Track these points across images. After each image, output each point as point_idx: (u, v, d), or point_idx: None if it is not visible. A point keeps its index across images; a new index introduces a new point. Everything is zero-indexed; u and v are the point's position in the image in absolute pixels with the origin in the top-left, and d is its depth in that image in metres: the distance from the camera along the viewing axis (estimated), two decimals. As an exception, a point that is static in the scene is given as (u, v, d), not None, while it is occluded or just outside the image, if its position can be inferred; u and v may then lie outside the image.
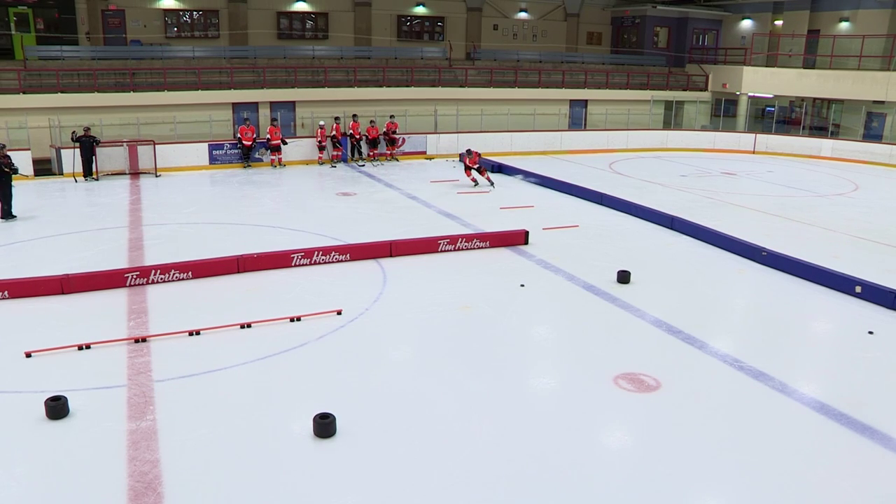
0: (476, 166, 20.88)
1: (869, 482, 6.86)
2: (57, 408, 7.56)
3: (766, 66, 33.19)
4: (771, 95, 33.68)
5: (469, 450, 7.22)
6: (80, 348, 9.25)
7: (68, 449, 7.08)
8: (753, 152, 30.54)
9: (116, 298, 11.22)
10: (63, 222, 16.13)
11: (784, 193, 21.63)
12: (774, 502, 6.49)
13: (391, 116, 25.90)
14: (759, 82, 32.77)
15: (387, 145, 25.81)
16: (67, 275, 11.47)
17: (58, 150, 21.41)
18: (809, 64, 32.40)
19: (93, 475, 6.63)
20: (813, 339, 11.04)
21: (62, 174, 21.34)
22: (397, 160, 25.93)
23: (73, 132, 20.63)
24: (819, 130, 31.91)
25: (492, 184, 20.99)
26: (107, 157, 21.48)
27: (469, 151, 20.96)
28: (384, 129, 25.66)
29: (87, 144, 20.80)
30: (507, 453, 7.16)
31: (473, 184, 20.94)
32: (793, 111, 34.61)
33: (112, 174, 21.56)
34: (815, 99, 32.85)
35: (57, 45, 25.72)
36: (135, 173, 21.89)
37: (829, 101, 32.05)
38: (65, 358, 9.06)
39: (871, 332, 10.60)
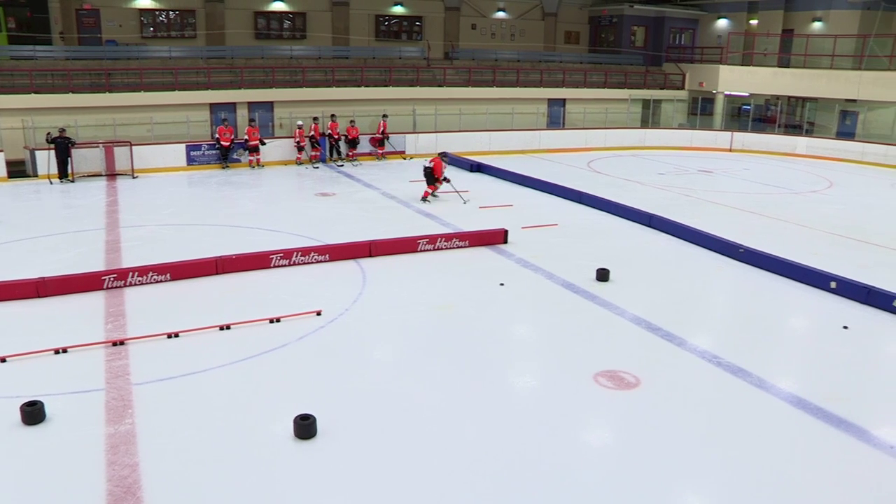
0: (443, 176, 18.73)
1: (845, 474, 6.98)
2: (33, 413, 7.46)
3: (742, 65, 33.48)
4: (747, 94, 33.99)
5: (451, 449, 7.23)
6: (57, 352, 9.14)
7: (45, 454, 6.99)
8: (730, 150, 30.83)
9: (93, 301, 11.10)
10: (38, 225, 15.93)
11: (760, 191, 21.85)
12: (754, 495, 6.57)
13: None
14: (735, 81, 33.07)
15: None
16: (43, 278, 11.32)
17: (32, 152, 21.14)
18: (784, 63, 32.75)
19: (71, 480, 6.56)
20: (790, 334, 11.18)
21: (37, 176, 21.07)
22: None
23: (48, 133, 20.38)
24: (794, 128, 32.30)
25: (434, 196, 19.03)
26: (83, 159, 21.23)
27: (445, 154, 19.14)
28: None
29: (63, 146, 20.54)
30: (488, 452, 7.18)
31: (426, 197, 18.77)
32: (768, 109, 34.96)
33: (88, 176, 21.32)
34: (789, 97, 33.23)
35: (30, 44, 25.33)
36: (111, 175, 21.66)
37: (804, 100, 32.42)
38: (41, 362, 8.95)
39: (845, 327, 10.75)
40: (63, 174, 20.77)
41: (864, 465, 7.14)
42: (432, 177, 18.74)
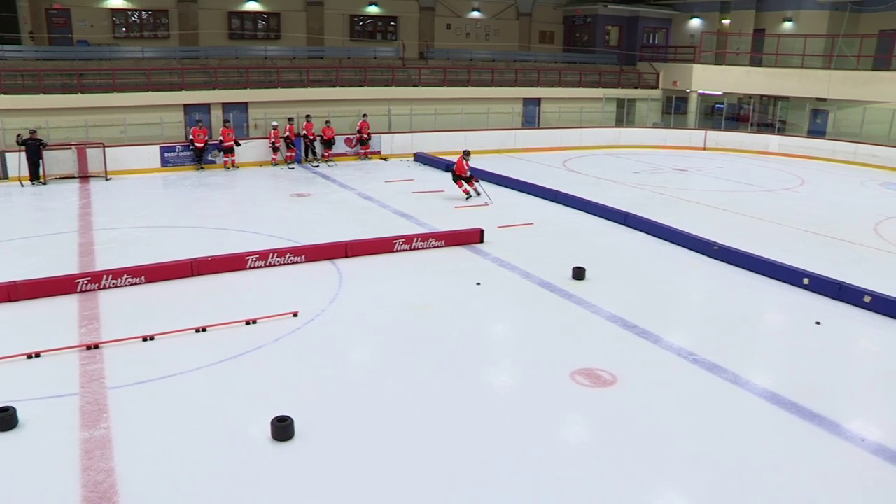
0: (467, 174, 19.04)
1: (818, 466, 7.09)
2: (5, 419, 7.36)
3: (715, 65, 33.85)
4: (720, 93, 34.37)
5: (429, 449, 7.24)
6: (30, 357, 9.02)
7: (18, 461, 6.90)
8: (704, 148, 31.13)
9: (67, 305, 10.96)
10: (9, 228, 15.68)
11: (734, 188, 22.10)
12: (730, 489, 6.65)
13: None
14: (709, 80, 33.42)
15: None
16: (15, 282, 11.15)
17: (2, 154, 20.82)
18: (756, 62, 33.13)
19: (45, 487, 6.48)
20: (763, 330, 11.30)
21: (8, 178, 20.76)
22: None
23: (19, 135, 20.11)
24: (766, 127, 32.71)
25: (478, 194, 19.27)
26: (55, 161, 20.95)
27: (467, 154, 19.23)
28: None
29: (34, 148, 20.27)
30: (466, 451, 7.20)
31: (466, 196, 19.15)
32: (741, 108, 35.39)
33: (60, 178, 21.05)
34: (762, 96, 33.64)
35: (-2, 44, 25.02)
36: (84, 177, 21.40)
37: (776, 99, 32.82)
38: (13, 367, 8.83)
39: (818, 323, 10.91)
40: (34, 176, 20.49)
41: (837, 458, 7.27)
42: (456, 175, 19.20)
